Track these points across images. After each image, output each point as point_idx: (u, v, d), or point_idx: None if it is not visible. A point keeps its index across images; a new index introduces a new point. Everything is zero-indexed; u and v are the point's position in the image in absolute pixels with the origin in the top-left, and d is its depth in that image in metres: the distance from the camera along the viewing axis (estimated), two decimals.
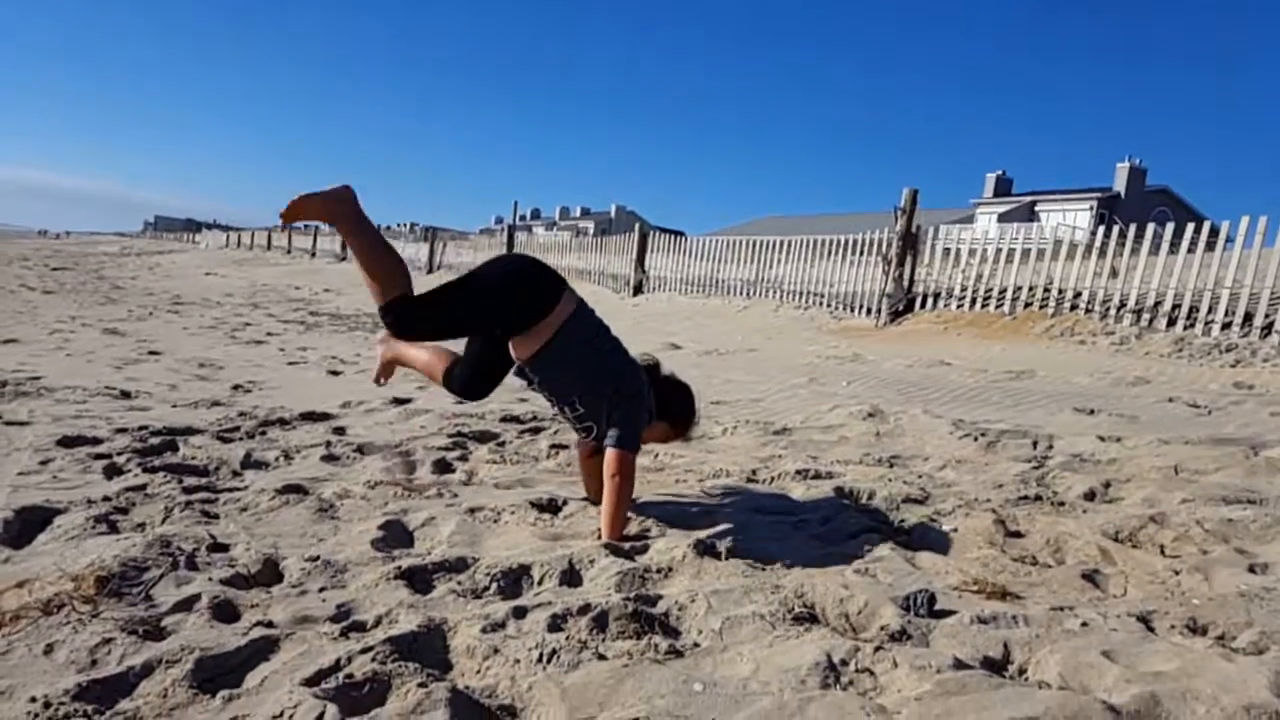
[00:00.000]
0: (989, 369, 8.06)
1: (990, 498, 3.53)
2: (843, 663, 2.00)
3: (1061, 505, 3.45)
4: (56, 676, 1.91)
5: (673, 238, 17.14)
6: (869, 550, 2.88)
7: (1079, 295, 10.00)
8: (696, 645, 2.13)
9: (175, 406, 5.31)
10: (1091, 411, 5.76)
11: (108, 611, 2.21)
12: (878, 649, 2.05)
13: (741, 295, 14.53)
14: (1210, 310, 8.81)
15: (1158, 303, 9.28)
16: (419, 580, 2.55)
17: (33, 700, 1.77)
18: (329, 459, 4.06)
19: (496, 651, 2.05)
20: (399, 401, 5.80)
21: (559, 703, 1.83)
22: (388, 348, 3.47)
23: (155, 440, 4.21)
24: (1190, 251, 9.37)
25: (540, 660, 2.00)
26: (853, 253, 12.66)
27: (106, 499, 3.20)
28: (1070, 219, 38.31)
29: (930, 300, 11.53)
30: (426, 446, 4.35)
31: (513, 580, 2.56)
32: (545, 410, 5.64)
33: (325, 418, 5.14)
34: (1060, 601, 2.45)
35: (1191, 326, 8.85)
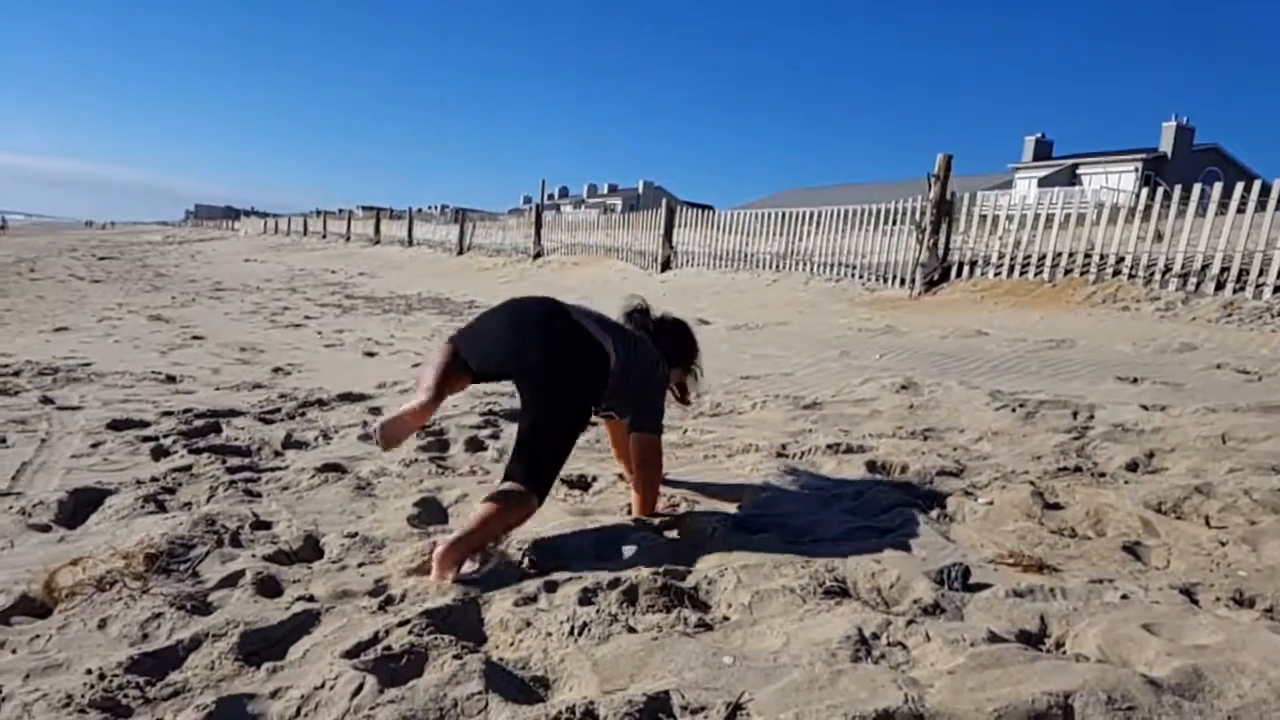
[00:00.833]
0: (1028, 338, 7.93)
1: (1028, 470, 3.49)
2: (874, 636, 2.00)
3: (1102, 476, 3.40)
4: (110, 650, 1.98)
5: (701, 212, 17.01)
6: (902, 524, 2.87)
7: (1122, 260, 9.76)
8: (726, 619, 2.15)
9: (218, 389, 5.42)
10: (1135, 380, 5.65)
11: (157, 587, 2.28)
12: (910, 622, 2.05)
13: (771, 269, 14.42)
14: (1261, 273, 8.53)
15: (1205, 266, 9.02)
16: None
17: (88, 672, 1.84)
18: (366, 438, 4.13)
19: (529, 624, 2.09)
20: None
21: (590, 674, 1.86)
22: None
23: (200, 422, 4.31)
24: (1240, 212, 9.05)
25: (572, 633, 2.03)
26: (885, 222, 12.47)
27: (154, 479, 3.29)
28: (1114, 182, 37.36)
29: (966, 269, 11.34)
30: (459, 425, 4.40)
31: (544, 555, 2.59)
32: None
33: (362, 398, 5.22)
34: (1100, 574, 2.42)
35: (1241, 290, 8.60)
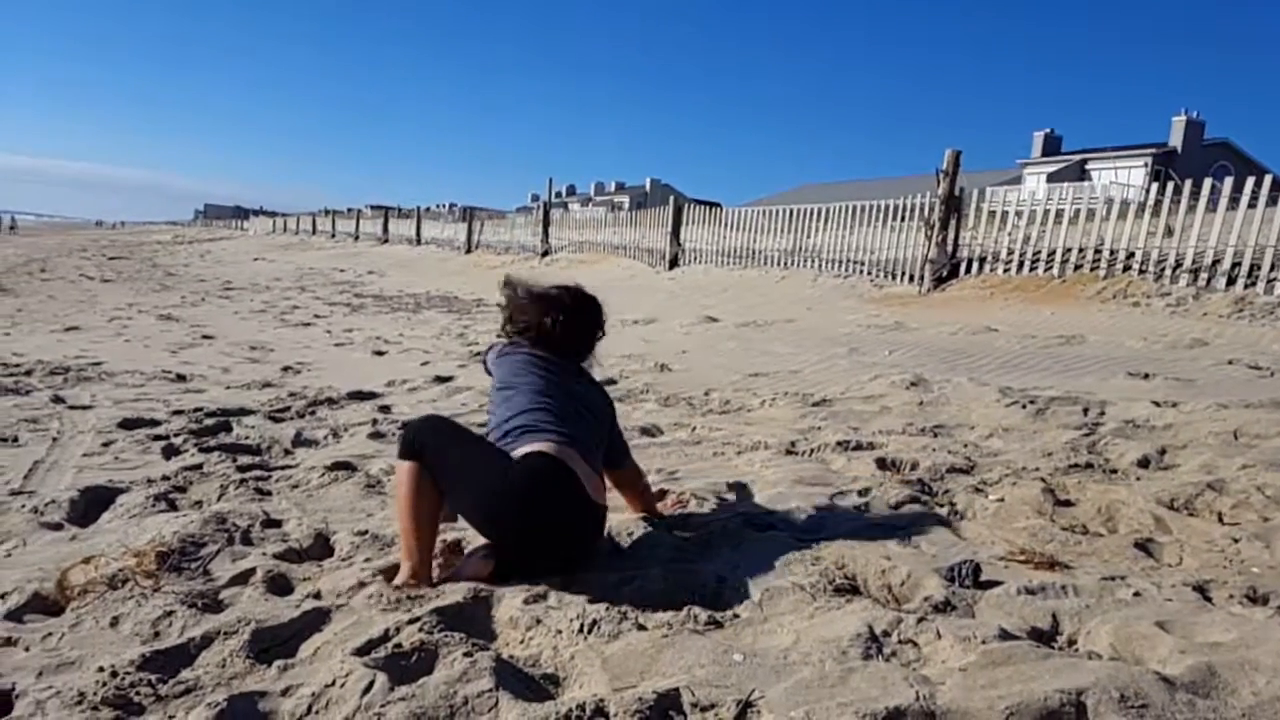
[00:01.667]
0: (1037, 334, 7.90)
1: (1039, 466, 3.47)
2: (885, 634, 1.99)
3: (1114, 473, 3.39)
4: (122, 647, 1.98)
5: (708, 209, 16.97)
6: (912, 521, 2.86)
7: (1132, 256, 9.71)
8: (736, 616, 2.15)
9: (228, 388, 5.45)
10: (1146, 376, 5.62)
11: (169, 585, 2.29)
12: (921, 620, 2.04)
13: (779, 266, 14.38)
14: (1273, 268, 8.45)
15: (1216, 261, 8.96)
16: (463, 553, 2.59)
17: (101, 670, 1.84)
18: (375, 436, 4.14)
19: (539, 622, 2.09)
20: (441, 380, 5.88)
21: (600, 672, 1.86)
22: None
23: (210, 421, 4.33)
24: (1251, 207, 8.99)
25: (581, 631, 2.03)
26: (894, 218, 12.43)
27: (165, 478, 3.31)
28: (1123, 177, 37.14)
29: (975, 265, 11.30)
30: (469, 423, 4.41)
31: None
32: None
33: (371, 396, 5.24)
34: (1112, 571, 2.41)
35: (1253, 285, 8.54)
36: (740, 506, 3.02)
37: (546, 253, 21.69)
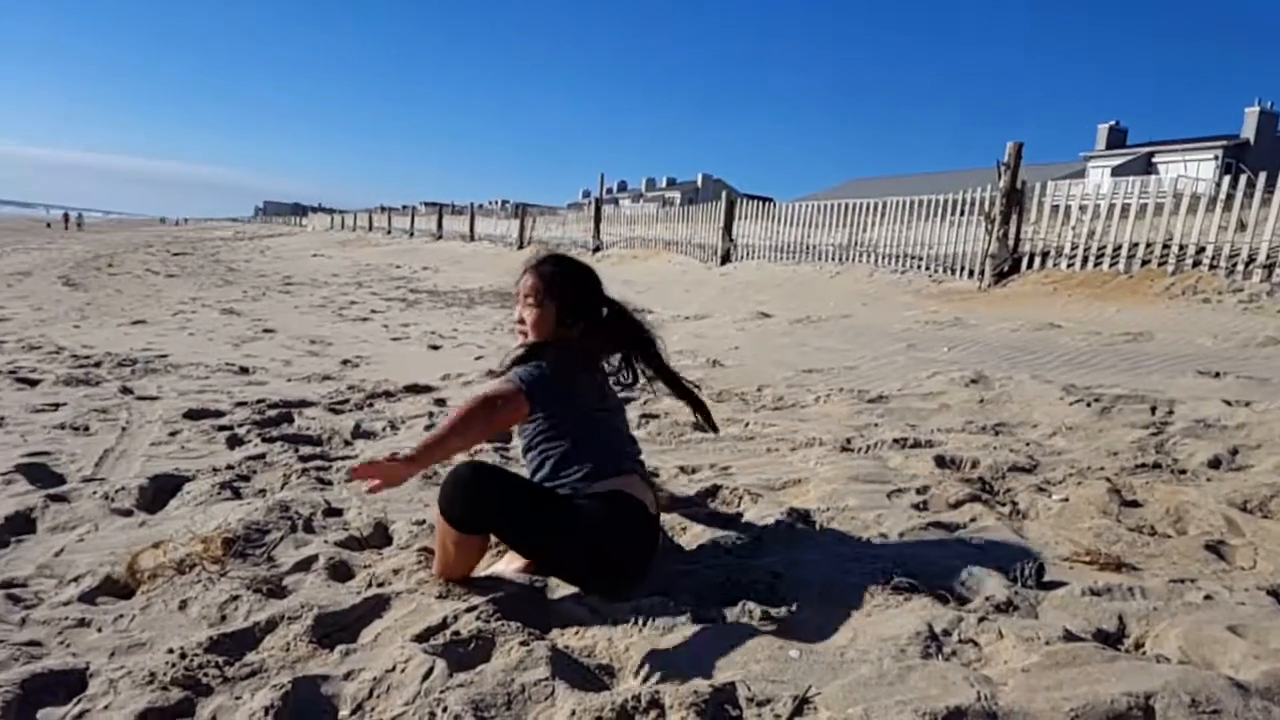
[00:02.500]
0: (1103, 331, 7.69)
1: (1104, 466, 3.38)
2: (945, 633, 1.96)
3: (1183, 473, 3.29)
4: (190, 630, 2.05)
5: (761, 204, 16.84)
6: (972, 520, 2.81)
7: (1202, 251, 9.39)
8: (792, 613, 2.12)
9: (289, 381, 5.57)
10: (1217, 374, 5.43)
11: (234, 571, 2.35)
12: (982, 619, 2.00)
13: (834, 261, 14.22)
14: None
15: None
16: None
17: (170, 651, 1.90)
18: (431, 429, 4.19)
19: (594, 613, 2.09)
20: (495, 375, 5.93)
21: (654, 664, 1.85)
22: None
23: (272, 412, 4.44)
24: None
25: (637, 623, 2.03)
26: (953, 213, 12.20)
27: (230, 467, 3.40)
28: (1192, 170, 35.90)
29: (1038, 260, 11.03)
30: None
31: None
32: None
33: (427, 390, 5.31)
34: (1181, 574, 2.34)
35: None
36: (794, 503, 2.99)
37: (598, 248, 21.77)
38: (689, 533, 2.68)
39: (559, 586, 2.24)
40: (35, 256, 20.54)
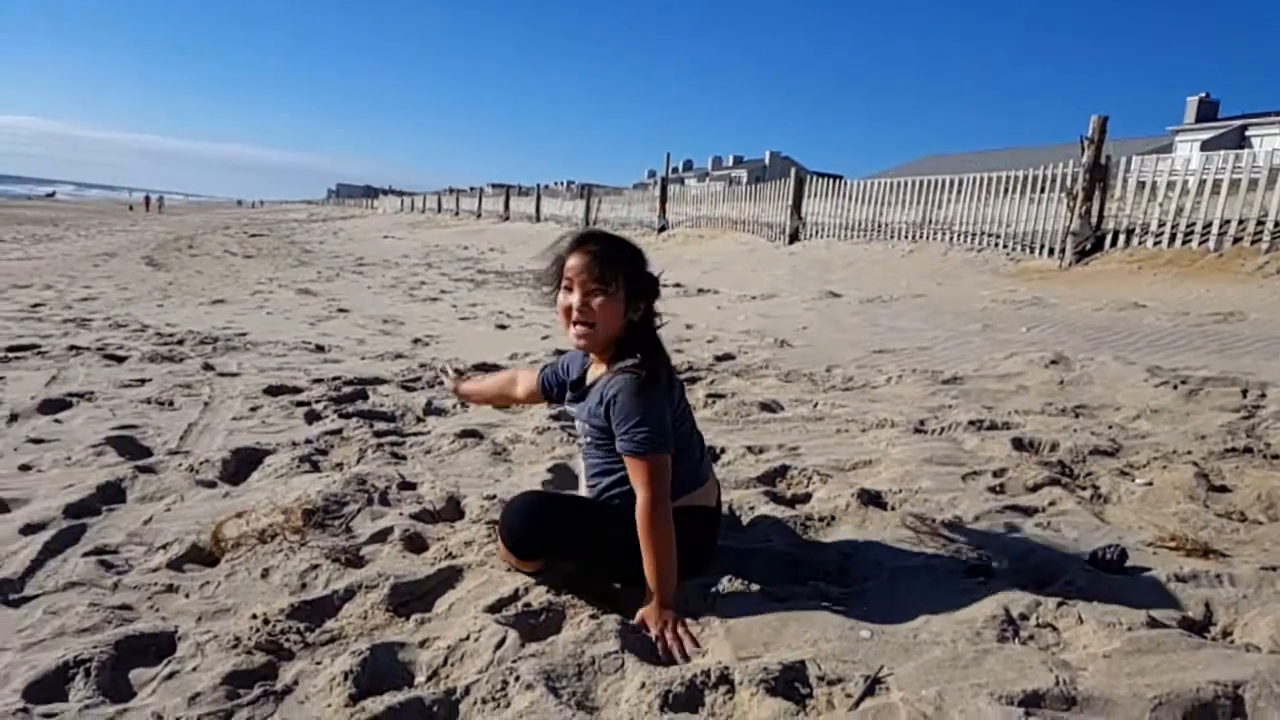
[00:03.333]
0: (1190, 311, 7.37)
1: (1191, 450, 3.25)
2: (1022, 616, 1.92)
3: (1276, 458, 3.14)
4: (272, 597, 2.12)
5: (831, 181, 16.55)
6: (1051, 503, 2.73)
7: None
8: (862, 593, 2.10)
9: (363, 359, 5.70)
10: None
11: (314, 540, 2.43)
12: (1061, 604, 1.95)
13: (907, 239, 13.92)
14: None
15: None
16: None
17: (254, 617, 1.97)
18: (500, 407, 4.25)
19: None
20: (561, 353, 5.97)
21: (724, 640, 1.85)
22: None
23: (348, 389, 4.55)
24: None
25: (705, 599, 2.03)
26: (1032, 189, 11.81)
27: (308, 441, 3.50)
28: None
29: (1122, 238, 10.61)
30: None
31: None
32: (700, 361, 5.67)
33: (495, 368, 5.37)
34: (1273, 561, 2.24)
35: None
36: (865, 484, 2.95)
37: (663, 228, 21.73)
38: (757, 512, 2.67)
39: None
40: (119, 238, 21.37)
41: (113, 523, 2.60)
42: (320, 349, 6.05)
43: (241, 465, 3.19)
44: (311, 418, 3.94)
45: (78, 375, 4.67)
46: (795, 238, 16.34)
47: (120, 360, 5.19)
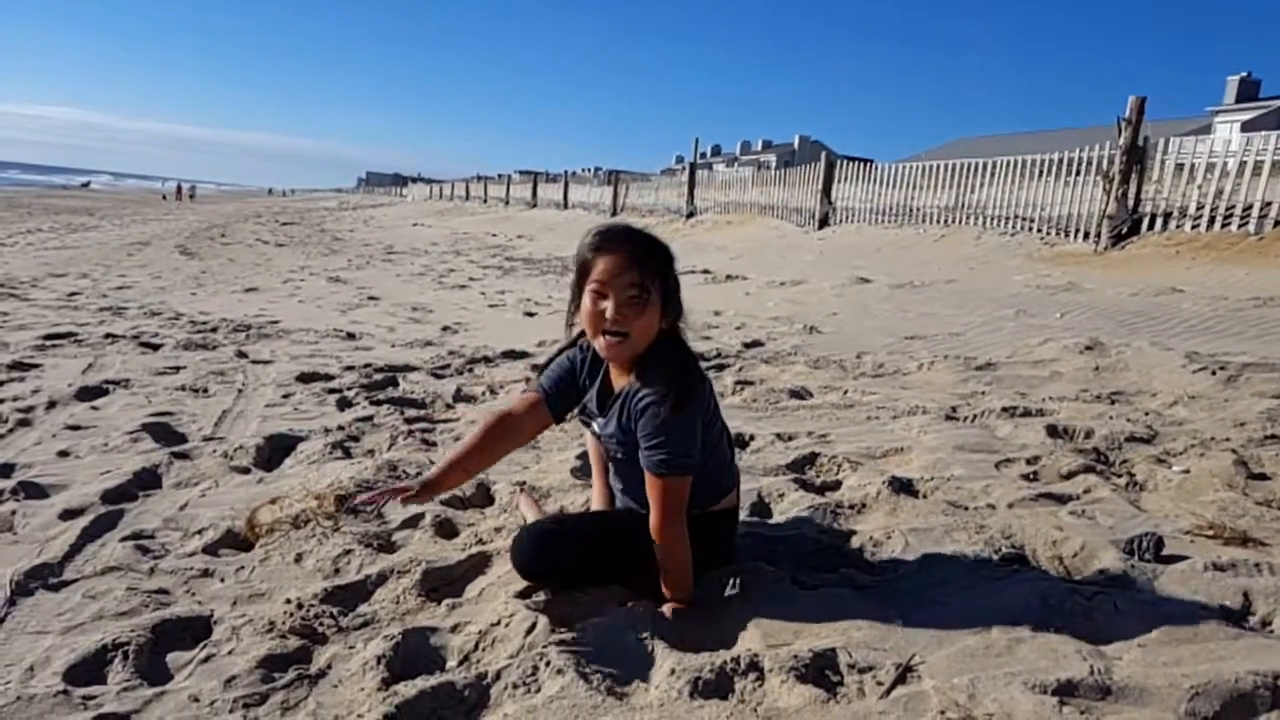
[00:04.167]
0: (1229, 296, 7.21)
1: (1230, 437, 3.19)
2: (1056, 605, 1.89)
3: None
4: (306, 582, 2.14)
5: (861, 166, 16.37)
6: (1086, 491, 2.69)
7: None
8: (894, 581, 2.08)
9: (394, 346, 5.75)
10: None
11: (346, 526, 2.45)
12: (1096, 593, 1.93)
13: (938, 223, 13.75)
14: None
15: None
16: None
17: (288, 601, 2.00)
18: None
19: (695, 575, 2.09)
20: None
21: (753, 628, 1.85)
22: None
23: (378, 376, 4.59)
24: None
25: (736, 586, 2.02)
26: (1067, 172, 11.60)
27: (340, 428, 3.53)
28: None
29: (1159, 221, 10.40)
30: None
31: None
32: (729, 347, 5.65)
33: (523, 355, 5.39)
34: None
35: None
36: (896, 471, 2.92)
37: (691, 214, 21.64)
38: (787, 499, 2.66)
39: None
40: (153, 227, 21.66)
41: (149, 508, 2.65)
42: (351, 336, 6.11)
43: (275, 451, 3.23)
44: (343, 404, 3.98)
45: (114, 363, 4.76)
46: (825, 223, 16.21)
47: (155, 348, 5.27)
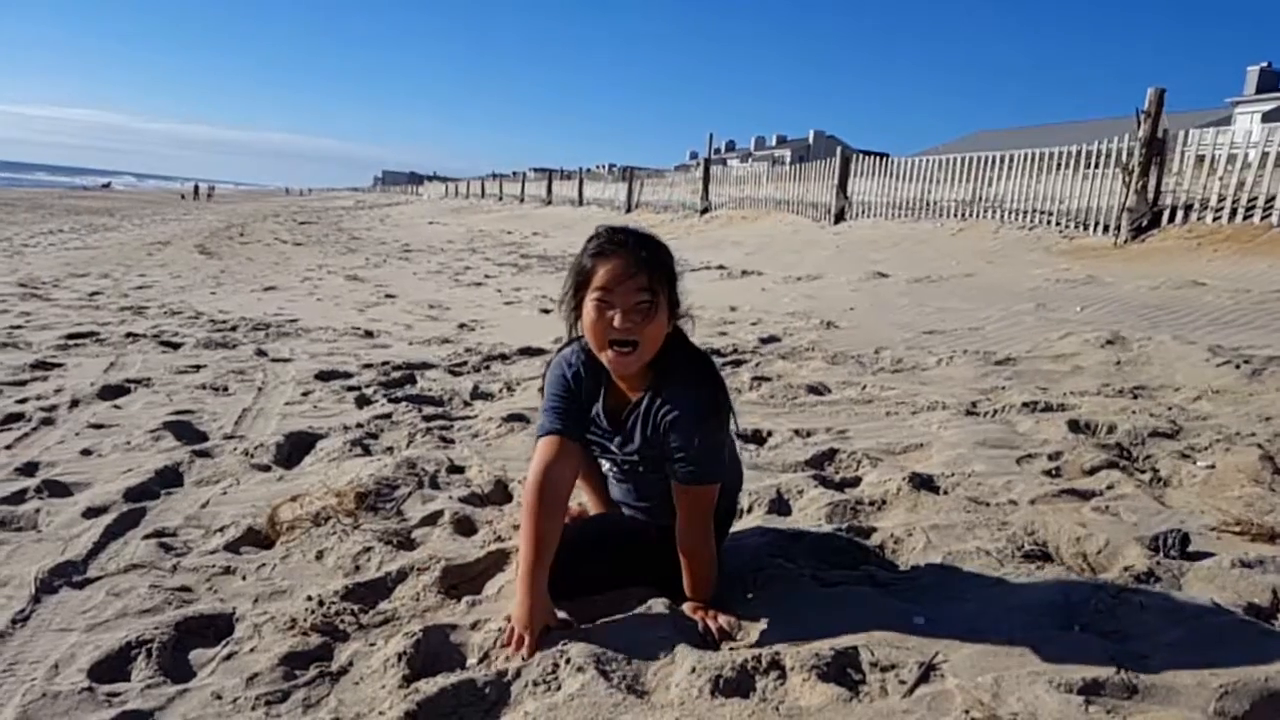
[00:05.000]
0: (1253, 289, 7.12)
1: (1255, 431, 3.15)
2: (1080, 603, 1.87)
3: None
4: (327, 579, 2.15)
5: (877, 160, 16.26)
6: (1109, 487, 2.66)
7: None
8: (916, 578, 2.07)
9: (411, 344, 5.77)
10: None
11: (366, 523, 2.46)
12: (1121, 591, 1.90)
13: (956, 217, 13.64)
14: None
15: None
16: None
17: (309, 599, 2.01)
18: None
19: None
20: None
21: (774, 626, 1.84)
22: None
23: (396, 374, 4.61)
24: None
25: (757, 583, 2.01)
26: (1086, 165, 11.47)
27: (359, 426, 3.55)
28: None
29: (1180, 213, 10.27)
30: None
31: None
32: (745, 343, 5.63)
33: (540, 352, 5.39)
34: None
35: None
36: (915, 467, 2.90)
37: (706, 210, 21.58)
38: (806, 496, 2.64)
39: None
40: (173, 227, 21.84)
41: (171, 506, 2.66)
42: (369, 334, 6.13)
43: (295, 449, 3.25)
44: (362, 402, 4.00)
45: (135, 362, 4.80)
46: (841, 217, 16.13)
47: (176, 347, 5.31)
